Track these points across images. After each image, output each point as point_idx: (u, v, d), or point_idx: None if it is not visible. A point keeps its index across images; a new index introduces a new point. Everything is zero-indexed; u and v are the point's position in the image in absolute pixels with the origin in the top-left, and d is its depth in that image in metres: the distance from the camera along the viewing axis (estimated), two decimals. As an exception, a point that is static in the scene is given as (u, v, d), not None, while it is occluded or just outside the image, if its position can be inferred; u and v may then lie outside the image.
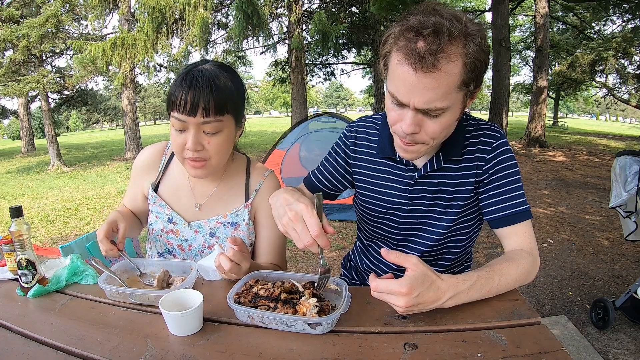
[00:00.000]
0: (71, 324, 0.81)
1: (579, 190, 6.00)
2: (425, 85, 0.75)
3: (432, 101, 0.77)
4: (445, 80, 0.75)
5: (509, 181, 0.94)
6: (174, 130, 0.97)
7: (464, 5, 20.26)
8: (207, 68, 0.96)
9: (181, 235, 1.14)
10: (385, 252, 0.76)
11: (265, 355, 0.69)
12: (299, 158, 5.24)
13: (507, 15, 8.92)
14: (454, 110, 0.82)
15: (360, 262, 1.23)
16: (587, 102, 24.16)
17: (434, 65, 0.73)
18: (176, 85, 0.94)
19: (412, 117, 0.80)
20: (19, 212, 0.91)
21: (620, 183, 2.33)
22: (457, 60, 0.75)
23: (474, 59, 0.75)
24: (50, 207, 6.09)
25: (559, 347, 0.67)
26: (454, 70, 0.75)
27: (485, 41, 0.77)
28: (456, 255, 1.09)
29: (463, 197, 0.99)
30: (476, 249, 3.62)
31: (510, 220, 0.93)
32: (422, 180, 1.00)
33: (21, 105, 16.25)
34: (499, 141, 0.95)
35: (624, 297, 2.24)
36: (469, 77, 0.77)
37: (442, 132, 0.84)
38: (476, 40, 0.75)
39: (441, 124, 0.81)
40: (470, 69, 0.76)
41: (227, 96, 0.96)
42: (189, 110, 0.91)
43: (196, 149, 0.95)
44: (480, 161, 0.96)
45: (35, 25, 9.47)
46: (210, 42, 9.65)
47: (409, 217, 1.04)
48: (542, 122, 10.60)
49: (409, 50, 0.74)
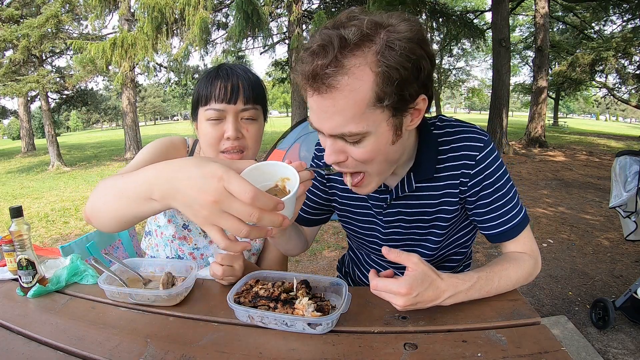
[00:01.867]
0: (71, 324, 0.81)
1: (579, 190, 6.00)
2: (327, 109, 0.65)
3: (342, 126, 0.66)
4: (349, 99, 0.63)
5: (499, 196, 0.86)
6: (209, 124, 0.96)
7: (464, 5, 20.24)
8: (234, 64, 1.01)
9: (194, 244, 1.13)
10: (386, 251, 0.76)
11: (265, 355, 0.69)
12: (299, 158, 5.24)
13: (507, 15, 8.92)
14: (380, 135, 0.68)
15: (353, 272, 1.21)
16: (587, 102, 24.18)
17: (327, 84, 0.63)
18: (210, 78, 0.96)
19: (331, 145, 0.71)
20: (19, 212, 0.91)
21: (620, 183, 2.33)
22: (360, 73, 0.62)
23: (388, 68, 0.62)
24: (50, 207, 6.09)
25: (559, 347, 0.67)
26: (358, 86, 0.63)
27: (410, 43, 0.63)
28: (457, 263, 1.08)
29: (446, 218, 0.90)
30: (476, 249, 3.62)
31: (508, 236, 0.89)
32: (396, 203, 0.92)
33: (21, 105, 16.24)
34: (483, 152, 0.84)
35: (624, 297, 2.24)
36: (385, 91, 0.63)
37: (375, 160, 0.72)
38: (391, 43, 0.62)
39: (367, 151, 0.69)
40: (386, 78, 0.62)
41: (261, 87, 1.00)
42: (229, 97, 0.93)
43: (237, 137, 0.95)
44: (465, 177, 0.85)
45: (35, 25, 9.48)
46: (210, 42, 9.65)
47: (389, 240, 0.98)
48: (542, 122, 10.61)
49: (302, 72, 0.65)
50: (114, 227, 0.70)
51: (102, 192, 0.69)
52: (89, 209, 0.71)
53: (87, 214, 0.72)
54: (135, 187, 0.60)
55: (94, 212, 0.70)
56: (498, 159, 0.86)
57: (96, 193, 0.71)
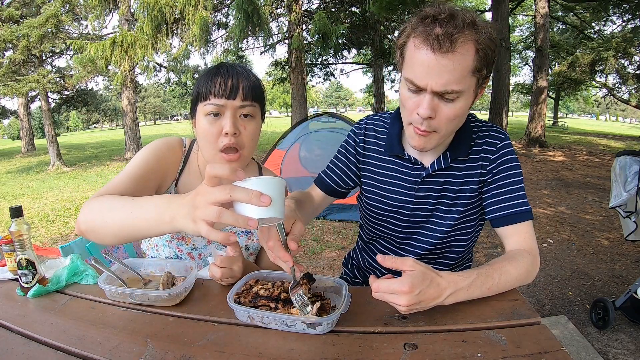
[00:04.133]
0: (71, 324, 0.81)
1: (579, 190, 6.00)
2: (443, 67, 0.79)
3: (449, 83, 0.80)
4: (461, 62, 0.79)
5: (512, 181, 0.96)
6: (208, 120, 0.96)
7: (464, 5, 20.25)
8: (234, 64, 1.02)
9: (192, 244, 1.13)
10: (382, 259, 0.77)
11: (265, 355, 0.69)
12: (299, 158, 5.24)
13: (507, 15, 8.92)
14: (467, 97, 0.85)
15: (362, 260, 1.23)
16: (587, 102, 24.17)
17: (451, 47, 0.77)
18: (210, 75, 0.97)
19: (430, 100, 0.83)
20: (19, 212, 0.91)
21: (620, 183, 2.33)
22: (470, 45, 0.79)
23: (485, 46, 0.80)
24: (50, 207, 6.09)
25: (559, 347, 0.67)
26: (468, 54, 0.79)
27: (494, 34, 0.82)
28: (459, 255, 1.09)
29: (467, 196, 1.00)
30: (476, 249, 3.62)
31: (512, 220, 0.94)
32: (428, 179, 1.01)
33: (21, 105, 16.25)
34: (504, 142, 0.98)
35: (624, 297, 2.24)
36: (481, 64, 0.81)
37: (454, 120, 0.86)
38: (485, 30, 0.80)
39: (455, 109, 0.84)
40: (482, 56, 0.81)
41: (260, 85, 1.01)
42: (229, 92, 0.94)
43: (234, 132, 0.96)
44: (485, 161, 0.98)
45: (35, 25, 9.47)
46: (210, 42, 9.64)
47: (413, 215, 1.04)
48: (542, 122, 10.61)
49: (427, 34, 0.79)
50: (114, 243, 0.79)
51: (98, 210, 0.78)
52: (83, 223, 0.79)
53: (81, 229, 0.79)
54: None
55: (89, 228, 0.79)
56: (514, 153, 0.99)
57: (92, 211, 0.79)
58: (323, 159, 5.17)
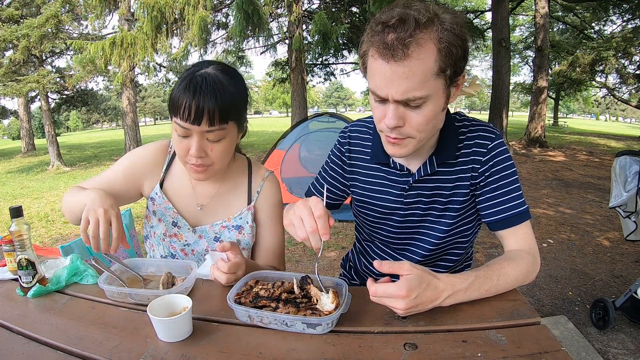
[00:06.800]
0: (71, 324, 0.81)
1: (579, 190, 6.00)
2: (400, 75, 0.75)
3: (409, 90, 0.76)
4: (419, 67, 0.74)
5: (506, 183, 0.93)
6: (177, 135, 0.96)
7: (464, 5, 20.24)
8: (210, 73, 0.94)
9: (184, 240, 1.13)
10: (378, 264, 0.76)
11: (265, 355, 0.69)
12: (299, 158, 5.24)
13: (507, 15, 8.92)
14: (436, 100, 0.80)
15: (359, 262, 1.22)
16: (587, 102, 24.16)
17: (404, 54, 0.73)
18: (180, 90, 0.91)
19: (394, 110, 0.79)
20: (19, 212, 0.91)
21: (620, 183, 2.33)
22: (429, 46, 0.74)
23: (448, 43, 0.75)
24: (50, 207, 6.09)
25: (559, 347, 0.67)
26: (426, 57, 0.74)
27: (461, 28, 0.76)
28: (459, 256, 1.08)
29: (459, 201, 0.97)
30: (476, 249, 3.62)
31: (509, 223, 0.93)
32: (417, 185, 0.99)
33: (21, 105, 16.24)
34: (495, 142, 0.94)
35: (624, 297, 2.24)
36: (446, 63, 0.76)
37: (427, 124, 0.82)
38: (446, 26, 0.75)
39: (424, 115, 0.80)
40: (446, 54, 0.75)
41: (231, 104, 0.94)
42: (193, 118, 0.90)
43: (200, 156, 0.95)
44: (476, 163, 0.94)
45: (35, 25, 9.47)
46: (210, 42, 9.63)
47: (406, 221, 1.03)
48: (542, 122, 10.61)
49: (380, 43, 0.75)
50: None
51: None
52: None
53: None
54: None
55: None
56: (507, 152, 0.95)
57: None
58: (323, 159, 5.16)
